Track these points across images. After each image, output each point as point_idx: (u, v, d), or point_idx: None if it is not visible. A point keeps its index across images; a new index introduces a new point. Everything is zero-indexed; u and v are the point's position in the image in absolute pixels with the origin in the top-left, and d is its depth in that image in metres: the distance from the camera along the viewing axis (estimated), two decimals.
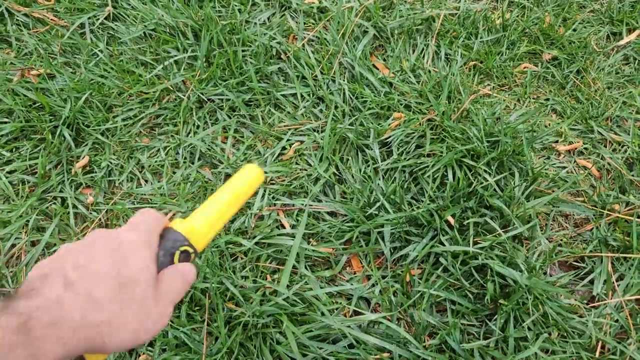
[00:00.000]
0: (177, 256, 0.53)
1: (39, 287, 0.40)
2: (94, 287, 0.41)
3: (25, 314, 0.38)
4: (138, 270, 0.46)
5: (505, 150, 1.05)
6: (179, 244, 0.54)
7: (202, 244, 0.58)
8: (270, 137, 1.18)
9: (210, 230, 0.61)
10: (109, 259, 0.44)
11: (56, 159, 1.16)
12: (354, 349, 0.87)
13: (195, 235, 0.56)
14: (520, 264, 0.91)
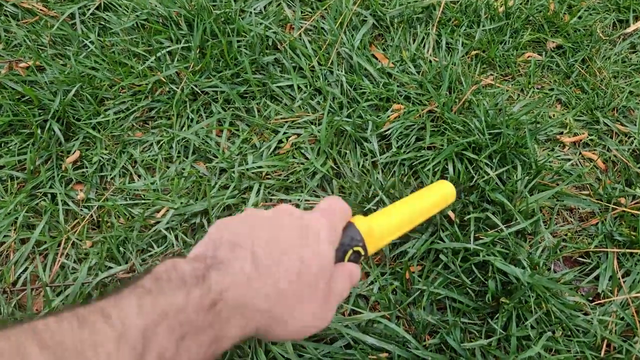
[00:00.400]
0: (349, 254, 0.53)
1: (229, 260, 0.40)
2: (281, 275, 0.41)
3: (216, 291, 0.38)
4: (323, 262, 0.45)
5: (507, 142, 1.02)
6: (354, 243, 0.53)
7: (373, 248, 0.57)
8: (266, 130, 1.16)
9: (387, 237, 0.61)
10: (297, 243, 0.44)
11: (46, 154, 1.15)
12: (351, 350, 0.85)
13: (371, 238, 0.56)
14: (523, 261, 0.89)
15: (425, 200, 0.71)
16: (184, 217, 1.03)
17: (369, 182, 1.03)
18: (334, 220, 0.50)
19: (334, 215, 0.51)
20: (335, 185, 1.06)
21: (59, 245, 1.03)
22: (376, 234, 0.57)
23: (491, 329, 0.88)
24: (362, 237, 0.54)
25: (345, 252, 0.52)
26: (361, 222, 0.55)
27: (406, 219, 0.65)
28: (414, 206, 0.68)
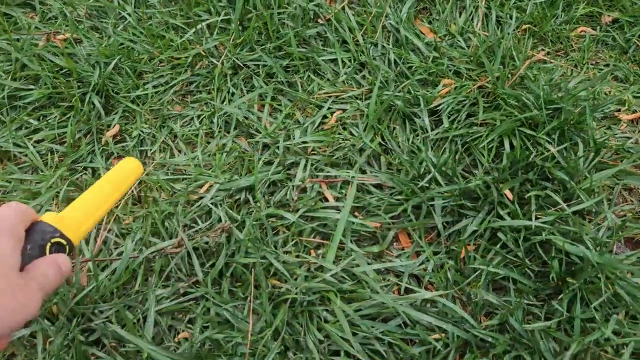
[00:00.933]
0: (48, 248, 0.52)
1: None
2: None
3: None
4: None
5: (567, 119, 0.99)
6: (49, 236, 0.53)
7: (77, 234, 0.57)
8: (310, 105, 1.14)
9: (86, 221, 0.61)
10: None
11: (86, 128, 1.14)
12: (408, 329, 0.83)
13: (68, 227, 0.56)
14: (587, 241, 0.87)
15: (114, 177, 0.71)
16: (228, 192, 1.01)
17: (421, 159, 1.00)
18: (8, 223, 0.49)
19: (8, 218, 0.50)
20: (384, 162, 1.04)
21: (101, 220, 1.02)
22: (74, 221, 0.58)
23: (551, 310, 0.86)
24: (55, 227, 0.54)
25: (43, 247, 0.51)
26: (51, 217, 0.55)
27: (99, 200, 0.66)
28: (104, 184, 0.68)
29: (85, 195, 0.65)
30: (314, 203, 0.98)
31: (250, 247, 0.91)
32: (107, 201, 0.68)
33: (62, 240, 0.54)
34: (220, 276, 0.91)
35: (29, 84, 1.19)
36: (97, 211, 0.64)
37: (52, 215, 0.56)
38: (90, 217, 0.62)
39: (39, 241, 0.51)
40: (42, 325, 0.87)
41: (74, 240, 0.56)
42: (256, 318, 0.87)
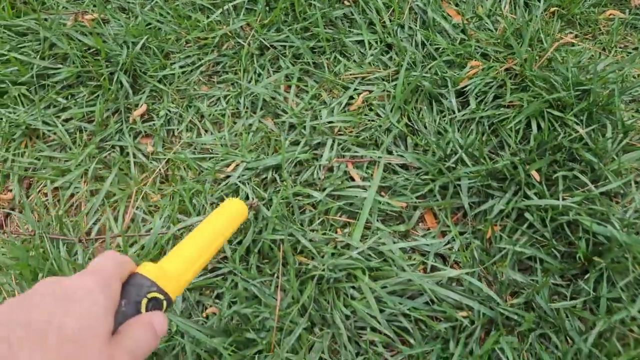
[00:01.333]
0: (144, 305, 0.49)
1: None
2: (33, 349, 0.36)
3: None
4: (90, 320, 0.40)
5: (595, 100, 1.00)
6: (145, 290, 0.49)
7: (176, 288, 0.53)
8: (336, 86, 1.16)
9: (185, 272, 0.57)
10: (56, 306, 0.40)
11: (114, 107, 1.16)
12: (434, 306, 0.85)
13: (166, 279, 0.52)
14: (615, 222, 0.87)
15: (216, 223, 0.70)
16: (255, 171, 1.03)
17: (448, 139, 1.01)
18: (103, 275, 0.45)
19: (104, 268, 0.46)
20: (410, 143, 1.05)
21: (129, 197, 1.05)
22: (173, 273, 0.54)
23: (577, 290, 0.87)
24: (154, 281, 0.50)
25: (139, 304, 0.48)
26: (148, 268, 0.52)
27: (201, 247, 0.63)
28: (205, 232, 0.66)
29: (186, 243, 0.62)
30: (340, 182, 0.99)
31: (278, 225, 0.93)
32: (209, 250, 0.65)
33: (160, 294, 0.50)
34: (248, 253, 0.93)
35: (58, 63, 1.22)
36: (198, 261, 0.61)
37: (150, 266, 0.52)
38: (190, 267, 0.59)
39: (134, 297, 0.48)
40: None
41: (172, 295, 0.52)
42: (283, 294, 0.89)
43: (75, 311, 0.40)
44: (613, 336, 0.81)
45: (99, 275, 0.44)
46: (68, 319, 0.39)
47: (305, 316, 0.85)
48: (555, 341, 0.82)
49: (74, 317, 0.39)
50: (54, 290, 0.41)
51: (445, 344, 0.83)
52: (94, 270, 0.45)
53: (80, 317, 0.39)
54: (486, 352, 0.80)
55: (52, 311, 0.39)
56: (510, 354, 0.79)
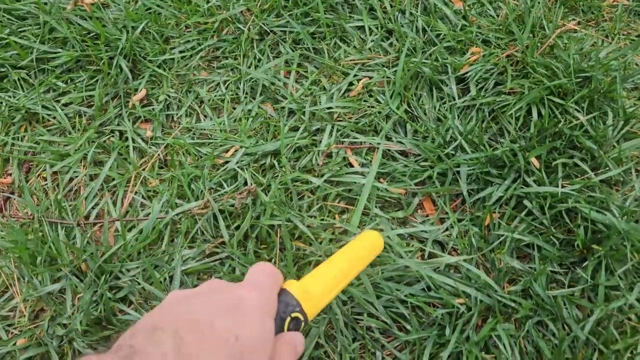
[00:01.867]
0: (287, 322, 0.50)
1: (147, 347, 0.35)
2: (213, 355, 0.37)
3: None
4: (261, 336, 0.42)
5: (596, 87, 0.99)
6: (291, 310, 0.50)
7: (313, 311, 0.54)
8: (336, 72, 1.15)
9: (323, 298, 0.58)
10: (229, 319, 0.40)
11: (113, 91, 1.15)
12: (431, 292, 0.85)
13: (308, 301, 0.53)
14: (614, 209, 0.87)
15: (355, 252, 0.70)
16: (254, 156, 1.02)
17: (448, 126, 1.00)
18: (266, 290, 0.47)
19: (265, 283, 0.48)
20: (409, 129, 1.04)
21: (127, 182, 1.04)
22: (313, 296, 0.55)
23: (575, 278, 0.87)
24: (298, 301, 0.51)
25: (283, 321, 0.49)
26: (295, 287, 0.53)
27: (340, 274, 0.64)
28: (346, 260, 0.67)
29: (326, 269, 0.63)
30: (339, 168, 0.99)
31: (276, 210, 0.93)
32: (347, 278, 0.66)
33: (301, 315, 0.51)
34: (246, 238, 0.93)
35: (57, 47, 1.21)
36: (336, 287, 0.62)
37: (296, 285, 0.54)
38: (328, 293, 0.60)
39: (281, 314, 0.49)
40: (72, 282, 0.89)
41: (310, 316, 0.53)
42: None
43: (248, 325, 0.41)
44: (610, 324, 0.80)
45: (263, 293, 0.46)
46: (243, 332, 0.40)
47: None
48: (552, 329, 0.82)
49: (247, 331, 0.40)
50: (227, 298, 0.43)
51: (441, 331, 0.82)
52: (258, 286, 0.47)
53: (253, 333, 0.41)
54: (483, 338, 0.80)
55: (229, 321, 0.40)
56: (506, 341, 0.79)
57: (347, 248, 0.71)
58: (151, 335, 0.36)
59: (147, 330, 0.36)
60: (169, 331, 0.36)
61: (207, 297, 0.43)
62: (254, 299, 0.44)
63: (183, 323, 0.38)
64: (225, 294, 0.44)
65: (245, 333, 0.40)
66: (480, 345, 0.80)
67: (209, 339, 0.37)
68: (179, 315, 0.39)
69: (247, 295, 0.44)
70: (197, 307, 0.41)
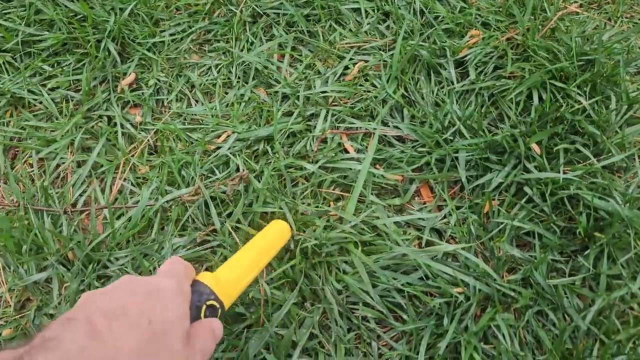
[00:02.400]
0: (203, 310, 0.52)
1: (60, 335, 0.36)
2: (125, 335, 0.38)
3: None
4: (175, 318, 0.43)
5: (599, 71, 0.96)
6: (205, 298, 0.53)
7: (228, 298, 0.58)
8: (332, 56, 1.12)
9: (236, 286, 0.62)
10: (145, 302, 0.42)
11: (101, 75, 1.13)
12: (429, 281, 0.82)
13: (221, 289, 0.56)
14: (617, 196, 0.85)
15: (263, 239, 0.75)
16: (246, 142, 1.00)
17: (446, 111, 0.98)
18: (179, 279, 0.49)
19: (178, 274, 0.50)
20: (407, 114, 1.02)
21: (116, 168, 1.02)
22: (226, 284, 0.58)
23: (576, 267, 0.85)
24: (212, 290, 0.54)
25: (199, 309, 0.52)
26: (207, 277, 0.56)
27: (250, 261, 0.68)
28: (255, 248, 0.71)
29: (237, 258, 0.67)
30: (334, 154, 0.96)
31: (269, 197, 0.90)
32: (258, 266, 0.70)
33: (216, 303, 0.54)
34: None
35: (44, 29, 1.18)
36: (248, 276, 0.65)
37: (208, 276, 0.57)
38: (241, 281, 0.63)
39: (195, 302, 0.51)
40: (58, 271, 0.87)
41: (226, 303, 0.56)
42: (271, 269, 0.86)
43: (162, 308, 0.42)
44: (612, 314, 0.78)
45: (175, 279, 0.48)
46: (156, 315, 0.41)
47: (295, 290, 0.83)
48: (552, 318, 0.80)
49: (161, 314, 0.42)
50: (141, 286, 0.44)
51: (439, 320, 0.80)
52: (170, 274, 0.49)
53: (166, 315, 0.42)
54: (481, 328, 0.78)
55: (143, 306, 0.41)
56: (506, 331, 0.77)
57: (255, 238, 0.75)
58: (63, 325, 0.37)
59: (59, 322, 0.38)
60: (81, 319, 0.38)
61: (119, 289, 0.44)
62: (170, 284, 0.46)
63: (95, 311, 0.39)
64: (138, 283, 0.45)
65: (158, 316, 0.41)
66: (479, 336, 0.78)
67: (120, 322, 0.39)
68: (93, 305, 0.41)
69: (162, 281, 0.46)
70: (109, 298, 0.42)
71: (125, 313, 0.40)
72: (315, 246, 0.85)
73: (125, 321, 0.39)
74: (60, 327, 0.37)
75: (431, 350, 0.79)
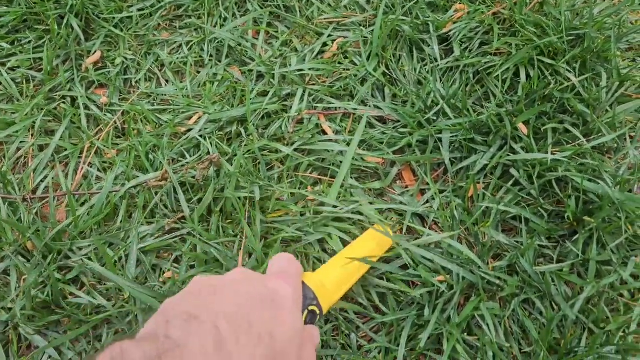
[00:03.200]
0: (305, 315, 0.50)
1: (186, 338, 0.33)
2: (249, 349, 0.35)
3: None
4: (294, 336, 0.41)
5: (589, 47, 0.93)
6: (309, 302, 0.51)
7: (327, 304, 0.55)
8: (309, 32, 1.07)
9: (337, 291, 0.60)
10: (265, 313, 0.39)
11: (64, 54, 1.07)
12: (410, 270, 0.79)
13: (323, 294, 0.53)
14: (607, 178, 0.81)
15: (364, 247, 0.73)
16: (219, 124, 0.95)
17: (429, 89, 0.94)
18: (295, 283, 0.47)
19: (293, 276, 0.48)
20: (388, 93, 0.98)
21: (81, 152, 0.97)
22: (328, 289, 0.56)
23: (564, 252, 0.82)
24: (315, 294, 0.52)
25: (301, 314, 0.48)
26: (311, 279, 0.54)
27: (352, 268, 0.66)
28: (357, 254, 0.69)
29: (340, 262, 0.66)
30: (311, 136, 0.92)
31: (242, 181, 0.86)
32: (358, 274, 0.68)
33: (317, 309, 0.52)
34: (210, 213, 0.87)
35: (1, 4, 1.12)
36: (348, 282, 0.64)
37: (312, 278, 0.54)
38: (341, 287, 0.62)
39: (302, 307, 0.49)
40: (16, 262, 0.83)
41: (324, 309, 0.54)
42: (247, 257, 0.83)
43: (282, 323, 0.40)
44: (602, 302, 0.76)
45: (292, 283, 0.45)
46: (277, 330, 0.39)
47: None
48: (539, 307, 0.77)
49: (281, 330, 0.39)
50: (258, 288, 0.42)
51: (421, 311, 0.77)
52: (287, 275, 0.46)
53: (286, 331, 0.40)
54: (465, 319, 0.74)
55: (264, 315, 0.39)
56: (490, 321, 0.74)
57: (355, 243, 0.73)
58: (188, 325, 0.34)
59: (183, 320, 0.35)
60: (207, 323, 0.35)
61: (237, 287, 0.42)
62: (288, 292, 0.44)
63: (219, 315, 0.36)
64: (255, 285, 0.43)
65: (279, 329, 0.39)
66: (462, 327, 0.74)
67: (245, 335, 0.36)
68: (213, 304, 0.38)
69: (280, 287, 0.44)
70: (230, 297, 0.40)
71: (249, 322, 0.37)
72: (294, 234, 0.81)
73: (249, 333, 0.36)
74: (185, 327, 0.34)
75: (412, 342, 0.76)
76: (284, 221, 0.84)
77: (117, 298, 0.80)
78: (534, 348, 0.73)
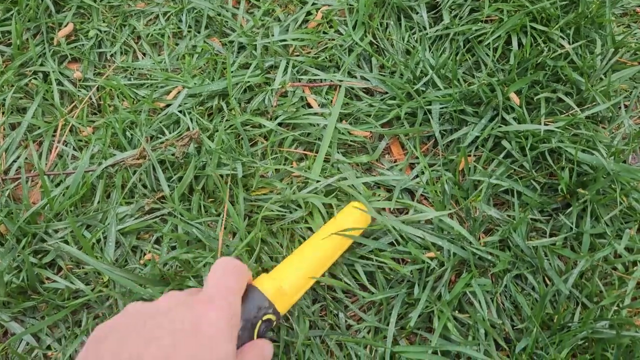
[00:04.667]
0: (258, 327, 0.47)
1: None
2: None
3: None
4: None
5: (583, 12, 0.91)
6: (263, 312, 0.48)
7: (285, 307, 0.52)
8: (292, 1, 1.05)
9: (297, 292, 0.57)
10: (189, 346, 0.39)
11: (34, 26, 1.04)
12: (400, 246, 0.78)
13: (281, 299, 0.51)
14: (602, 149, 0.81)
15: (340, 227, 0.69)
16: (199, 98, 0.93)
17: (418, 59, 0.92)
18: (229, 299, 0.45)
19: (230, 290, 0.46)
20: (375, 64, 0.96)
21: (55, 130, 0.95)
22: (288, 293, 0.53)
23: (557, 226, 0.81)
24: (271, 302, 0.49)
25: (254, 326, 0.47)
26: (267, 283, 0.51)
27: (317, 261, 0.62)
28: (324, 247, 0.65)
29: (303, 255, 0.62)
30: (295, 110, 0.90)
31: (224, 158, 0.84)
32: (324, 267, 0.65)
33: (273, 316, 0.49)
34: (191, 192, 0.85)
35: None
36: (316, 273, 0.61)
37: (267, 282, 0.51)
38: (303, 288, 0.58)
39: (251, 319, 0.47)
40: None
41: (282, 312, 0.52)
42: (230, 236, 0.81)
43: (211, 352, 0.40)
44: (595, 275, 0.75)
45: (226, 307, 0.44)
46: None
47: (252, 259, 0.78)
48: (532, 282, 0.77)
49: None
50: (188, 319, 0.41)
51: (411, 289, 0.76)
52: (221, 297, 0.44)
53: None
54: (456, 296, 0.74)
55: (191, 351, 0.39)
56: (482, 298, 0.74)
57: (325, 228, 0.68)
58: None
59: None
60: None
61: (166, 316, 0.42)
62: (213, 319, 0.42)
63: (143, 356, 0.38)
64: (184, 311, 0.42)
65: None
66: (453, 304, 0.74)
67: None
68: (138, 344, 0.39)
69: (207, 314, 0.42)
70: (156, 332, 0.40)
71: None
72: (278, 211, 0.80)
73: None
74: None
75: (402, 320, 0.75)
76: (269, 199, 0.82)
77: (96, 282, 0.79)
78: (526, 324, 0.73)
